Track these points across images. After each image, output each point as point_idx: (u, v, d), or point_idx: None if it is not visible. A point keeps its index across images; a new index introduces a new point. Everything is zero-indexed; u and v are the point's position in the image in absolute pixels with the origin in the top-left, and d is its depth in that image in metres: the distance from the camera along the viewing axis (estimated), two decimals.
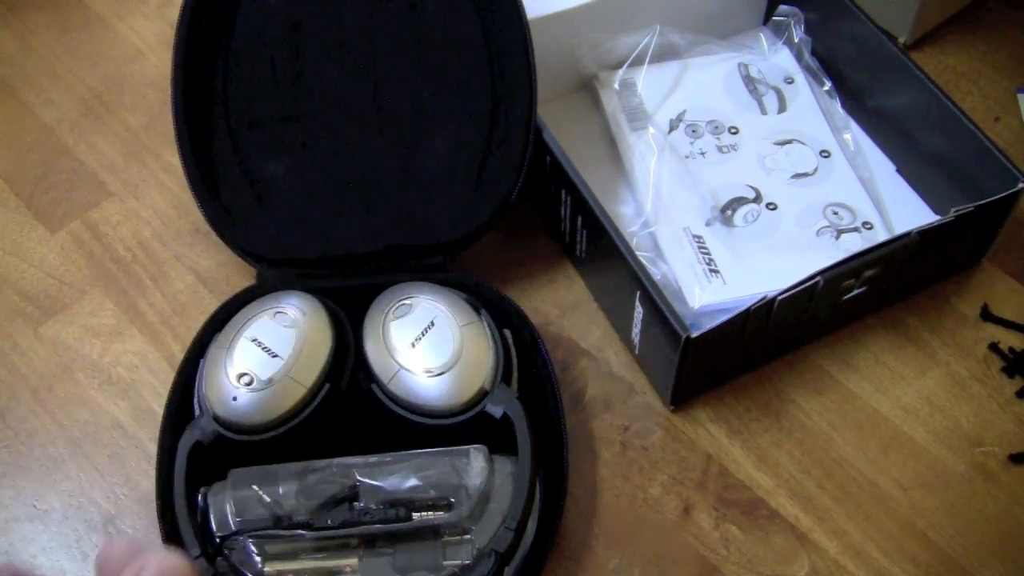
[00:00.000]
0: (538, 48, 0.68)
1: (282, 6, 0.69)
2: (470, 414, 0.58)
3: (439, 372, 0.58)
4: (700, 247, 0.68)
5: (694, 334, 0.57)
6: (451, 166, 0.67)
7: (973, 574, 0.59)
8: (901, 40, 0.80)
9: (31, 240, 0.73)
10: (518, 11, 0.66)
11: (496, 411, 0.58)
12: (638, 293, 0.61)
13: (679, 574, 0.59)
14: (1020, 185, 0.62)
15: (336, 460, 0.57)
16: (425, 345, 0.59)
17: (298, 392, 0.58)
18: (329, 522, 0.54)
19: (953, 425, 0.64)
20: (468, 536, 0.55)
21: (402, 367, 0.58)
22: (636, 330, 0.64)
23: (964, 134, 0.65)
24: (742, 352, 0.63)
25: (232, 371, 0.58)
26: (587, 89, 0.77)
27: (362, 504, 0.55)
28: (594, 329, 0.68)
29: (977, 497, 0.61)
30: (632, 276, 0.61)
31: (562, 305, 0.69)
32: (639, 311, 0.62)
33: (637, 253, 0.62)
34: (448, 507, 0.55)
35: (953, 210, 0.62)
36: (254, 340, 0.59)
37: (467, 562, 0.54)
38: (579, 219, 0.66)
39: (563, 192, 0.66)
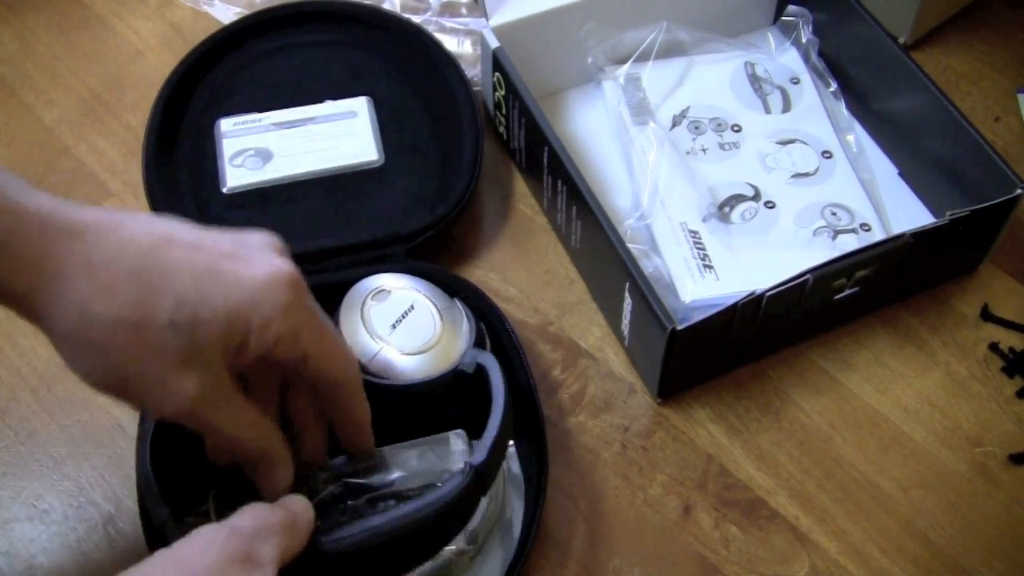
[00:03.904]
0: (545, 41, 0.70)
1: (266, 67, 0.76)
2: (445, 372, 0.59)
3: (419, 352, 0.59)
4: (695, 242, 0.68)
5: (680, 326, 0.57)
6: (413, 170, 0.71)
7: (973, 574, 0.59)
8: (901, 40, 0.80)
9: None
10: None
11: (469, 368, 0.59)
12: (627, 284, 0.61)
13: (679, 574, 0.59)
14: (1018, 191, 0.62)
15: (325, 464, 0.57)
16: (405, 327, 0.60)
17: None
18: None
19: (953, 425, 0.64)
20: None
21: (384, 345, 0.59)
22: (626, 322, 0.64)
23: (965, 138, 0.65)
24: (732, 347, 0.63)
25: None
26: (592, 82, 0.77)
27: (351, 503, 0.55)
28: (594, 329, 0.68)
29: (977, 497, 0.61)
30: (622, 267, 0.61)
31: (562, 305, 0.69)
32: (628, 302, 0.62)
33: (630, 245, 0.62)
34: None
35: (948, 213, 0.62)
36: None
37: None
38: (573, 209, 0.66)
39: (559, 182, 0.66)
